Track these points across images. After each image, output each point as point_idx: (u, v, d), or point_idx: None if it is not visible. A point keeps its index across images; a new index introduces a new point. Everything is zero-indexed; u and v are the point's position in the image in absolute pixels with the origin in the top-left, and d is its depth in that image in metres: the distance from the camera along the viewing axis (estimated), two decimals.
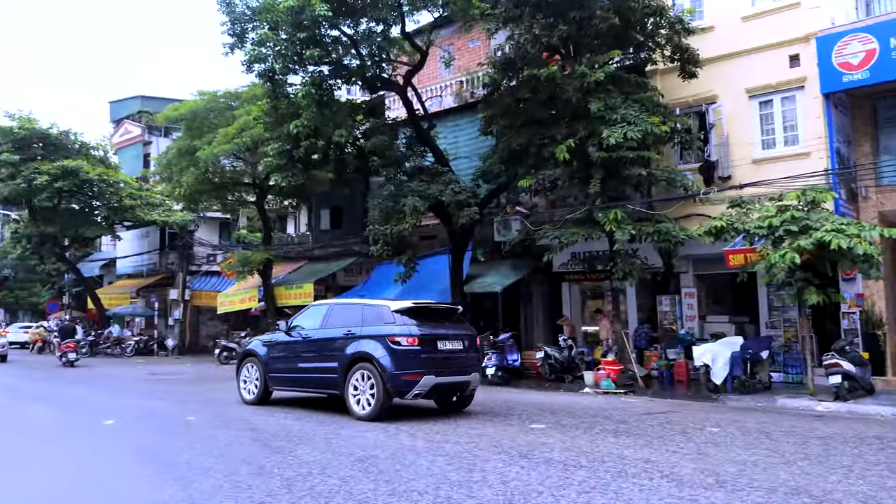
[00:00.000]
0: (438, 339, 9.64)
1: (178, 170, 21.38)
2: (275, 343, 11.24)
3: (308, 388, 10.87)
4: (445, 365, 9.62)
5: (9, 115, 26.78)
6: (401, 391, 9.24)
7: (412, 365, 9.23)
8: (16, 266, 45.84)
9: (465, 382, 9.98)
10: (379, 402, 9.18)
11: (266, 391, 11.17)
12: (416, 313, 9.72)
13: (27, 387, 15.33)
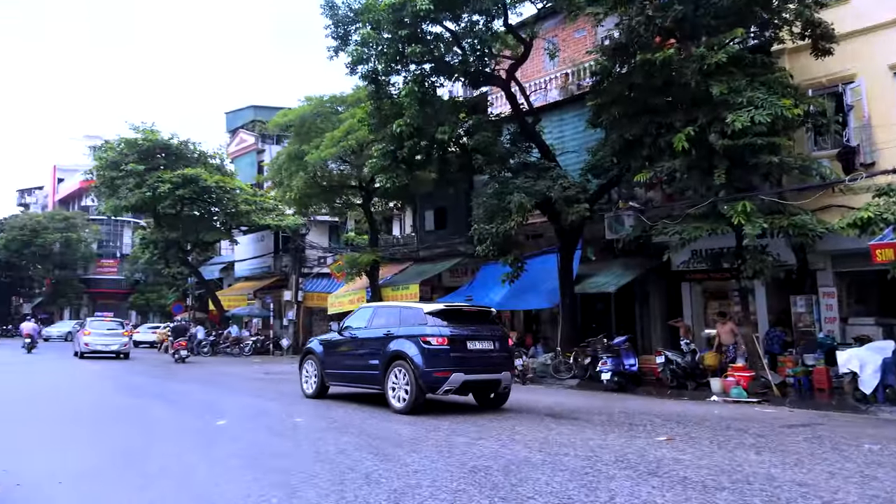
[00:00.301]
0: (468, 340, 10.29)
1: (288, 174, 22.00)
2: (329, 342, 12.27)
3: (356, 383, 11.60)
4: (475, 363, 10.24)
5: (134, 127, 28.63)
6: (432, 387, 9.92)
7: (442, 363, 9.90)
8: (146, 270, 49.35)
9: (496, 380, 10.55)
10: (413, 397, 9.85)
11: (323, 386, 12.10)
12: (447, 315, 10.44)
13: (148, 384, 16.03)
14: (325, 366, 11.98)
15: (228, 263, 37.07)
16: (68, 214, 58.88)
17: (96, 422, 9.89)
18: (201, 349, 29.71)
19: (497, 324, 11.35)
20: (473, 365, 10.20)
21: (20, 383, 16.29)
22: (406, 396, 9.96)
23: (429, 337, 10.03)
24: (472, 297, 21.28)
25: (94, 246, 60.06)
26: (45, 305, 62.56)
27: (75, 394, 14.08)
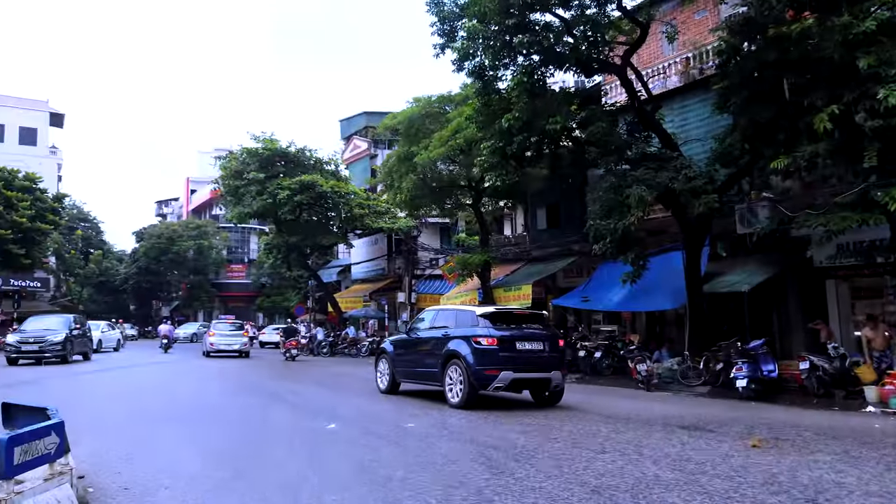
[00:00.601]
0: (517, 340, 10.96)
1: (398, 176, 22.08)
2: (398, 342, 13.45)
3: (420, 380, 12.56)
4: (524, 362, 10.91)
5: (254, 137, 29.92)
6: (483, 384, 10.67)
7: (492, 361, 10.64)
8: (271, 274, 51.73)
9: (546, 379, 11.15)
10: (465, 393, 10.73)
11: (394, 383, 13.06)
12: (498, 317, 11.33)
13: (266, 384, 16.42)
14: (395, 364, 13.02)
15: (345, 266, 38.02)
16: (200, 223, 62.96)
17: (211, 421, 10.07)
18: (321, 350, 30.56)
19: (548, 326, 12.13)
20: (522, 364, 10.90)
21: (147, 382, 17.34)
22: (460, 392, 10.86)
23: (480, 337, 10.83)
24: (588, 297, 20.37)
25: (223, 252, 63.89)
26: (181, 308, 67.27)
27: (194, 392, 14.65)
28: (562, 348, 11.83)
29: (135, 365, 22.89)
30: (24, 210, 37.41)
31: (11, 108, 56.20)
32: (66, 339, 21.36)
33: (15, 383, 14.79)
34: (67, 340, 21.40)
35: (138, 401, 12.55)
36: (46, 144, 58.27)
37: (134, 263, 64.11)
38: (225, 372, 20.81)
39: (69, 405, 9.87)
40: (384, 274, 33.24)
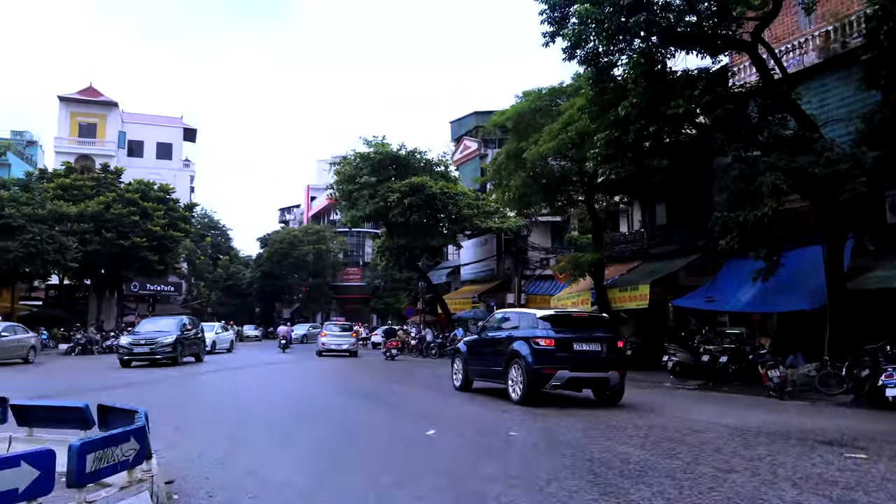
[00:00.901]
0: (574, 342, 11.55)
1: (507, 174, 21.51)
2: (471, 342, 14.39)
3: (487, 378, 13.37)
4: (581, 362, 11.49)
5: (366, 141, 30.38)
6: (541, 382, 11.37)
7: (549, 361, 11.32)
8: (384, 276, 52.65)
9: (603, 378, 11.65)
10: (525, 390, 11.48)
11: (467, 381, 13.95)
12: (558, 320, 12.00)
13: (372, 385, 16.35)
14: (468, 363, 13.93)
15: (455, 267, 37.94)
16: (318, 228, 65.35)
17: (310, 422, 9.98)
18: (429, 351, 30.52)
19: (607, 328, 12.59)
20: (579, 364, 11.49)
21: (253, 383, 17.86)
22: (520, 390, 11.61)
23: (538, 338, 11.53)
24: (713, 297, 18.91)
25: (340, 256, 65.99)
26: (301, 310, 70.15)
27: (296, 393, 14.77)
28: (620, 349, 12.31)
29: (247, 366, 23.53)
30: (157, 219, 40.19)
31: (149, 126, 60.77)
32: (177, 341, 21.49)
33: (123, 384, 15.31)
34: (178, 342, 21.55)
35: (242, 402, 12.71)
36: (180, 158, 62.60)
37: (258, 268, 67.54)
38: (330, 372, 21.14)
39: (173, 406, 10.07)
40: (493, 275, 32.77)
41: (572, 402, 12.37)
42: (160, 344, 21.04)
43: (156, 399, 11.37)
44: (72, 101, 53.91)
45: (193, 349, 23.46)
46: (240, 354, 31.67)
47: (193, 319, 25.52)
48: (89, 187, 39.60)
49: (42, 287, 44.42)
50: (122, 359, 20.92)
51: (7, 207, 32.05)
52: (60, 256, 33.73)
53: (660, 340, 21.12)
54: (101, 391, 12.55)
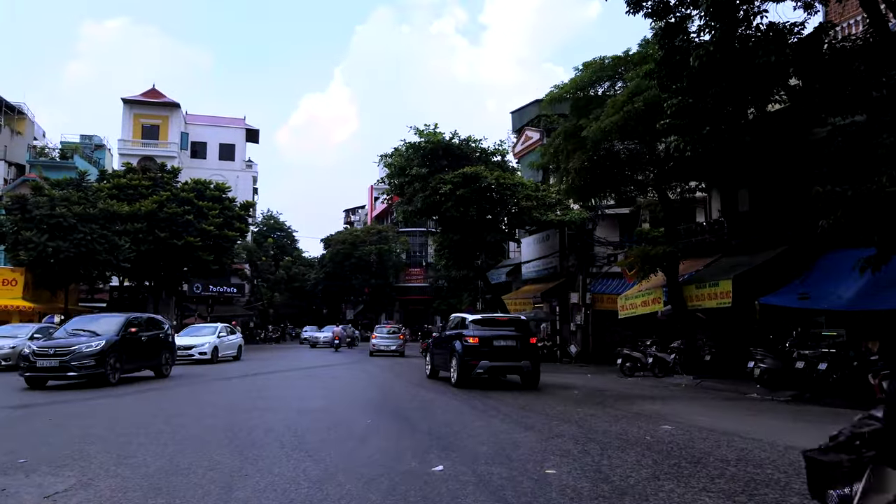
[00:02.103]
0: (494, 339, 15.11)
1: (565, 156, 19.04)
2: (434, 340, 18.88)
3: (442, 369, 16.86)
4: (499, 355, 15.01)
5: (417, 131, 28.41)
6: (469, 370, 14.94)
7: (474, 354, 14.95)
8: (446, 276, 50.78)
9: (517, 367, 15.20)
10: (458, 376, 15.20)
11: (434, 370, 17.70)
12: (485, 322, 15.82)
13: (404, 393, 14.38)
14: (433, 357, 17.94)
15: (515, 265, 35.56)
16: (380, 228, 64.21)
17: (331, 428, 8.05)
18: None
19: (524, 328, 15.71)
20: (498, 356, 14.93)
21: (301, 381, 16.16)
22: (455, 376, 15.30)
23: (467, 336, 15.09)
24: (808, 294, 16.10)
25: (402, 256, 64.65)
26: (365, 312, 69.16)
27: (338, 395, 12.97)
28: (532, 344, 15.73)
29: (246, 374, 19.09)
30: (212, 219, 39.63)
31: (212, 127, 61.21)
32: (109, 350, 14.71)
33: None
34: (112, 351, 14.78)
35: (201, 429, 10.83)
36: (243, 158, 62.78)
37: (322, 269, 67.04)
38: (373, 375, 19.32)
39: None
40: (556, 273, 30.24)
41: (499, 384, 16.02)
42: (77, 354, 14.31)
43: None
44: (135, 103, 54.67)
45: (148, 359, 16.77)
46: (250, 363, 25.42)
47: (154, 318, 19.11)
48: (145, 187, 39.43)
49: (106, 289, 44.79)
50: (27, 376, 14.40)
51: (58, 207, 31.93)
52: (112, 256, 33.43)
53: (743, 344, 18.29)
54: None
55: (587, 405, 12.09)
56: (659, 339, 21.40)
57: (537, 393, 14.29)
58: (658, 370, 20.18)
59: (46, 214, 31.52)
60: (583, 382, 17.71)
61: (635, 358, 20.70)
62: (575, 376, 20.23)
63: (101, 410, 11.05)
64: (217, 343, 25.96)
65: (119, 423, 9.20)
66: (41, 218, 31.47)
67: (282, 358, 29.95)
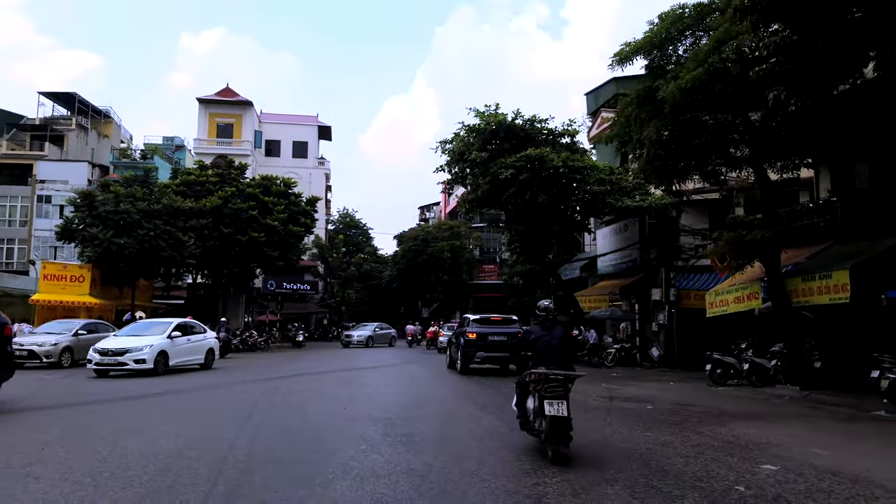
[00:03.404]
0: (489, 335, 19.19)
1: (638, 125, 16.14)
2: (450, 337, 24.08)
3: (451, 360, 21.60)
4: (493, 347, 18.99)
5: (476, 112, 25.97)
6: (468, 359, 19.31)
7: (473, 347, 19.18)
8: (520, 273, 48.12)
9: (506, 357, 19.15)
10: (461, 364, 19.60)
11: (451, 361, 21.45)
12: (483, 321, 19.98)
13: (451, 391, 12.16)
14: (449, 350, 22.10)
15: (590, 259, 32.56)
16: (453, 224, 62.21)
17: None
18: None
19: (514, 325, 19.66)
20: (491, 348, 19.05)
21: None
22: (460, 364, 19.75)
23: (467, 332, 19.50)
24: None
25: (475, 252, 62.44)
26: (440, 310, 67.39)
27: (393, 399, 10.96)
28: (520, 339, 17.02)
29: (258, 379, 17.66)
30: (277, 214, 38.73)
31: (285, 125, 61.08)
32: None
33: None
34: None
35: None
36: (315, 155, 62.34)
37: (395, 266, 65.83)
38: (416, 380, 17.24)
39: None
40: (635, 266, 27.14)
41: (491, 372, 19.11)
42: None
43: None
44: (210, 102, 55.02)
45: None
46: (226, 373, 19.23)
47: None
48: (212, 183, 39.02)
49: (184, 286, 44.91)
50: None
51: (122, 203, 31.65)
52: (177, 253, 32.94)
53: (864, 349, 14.97)
54: None
55: (661, 427, 9.46)
56: (756, 342, 18.15)
57: (597, 409, 11.68)
58: (755, 378, 17.03)
59: (111, 211, 31.33)
60: (661, 393, 14.90)
61: (728, 364, 17.62)
62: (654, 384, 17.39)
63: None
64: (165, 346, 18.28)
65: None
66: (106, 214, 31.30)
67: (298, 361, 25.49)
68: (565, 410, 6.89)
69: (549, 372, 7.12)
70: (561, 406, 6.88)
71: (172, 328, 19.17)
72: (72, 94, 53.48)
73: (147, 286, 39.18)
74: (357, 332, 41.90)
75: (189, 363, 19.62)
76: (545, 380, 7.06)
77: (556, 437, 6.83)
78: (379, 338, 42.30)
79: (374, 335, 42.09)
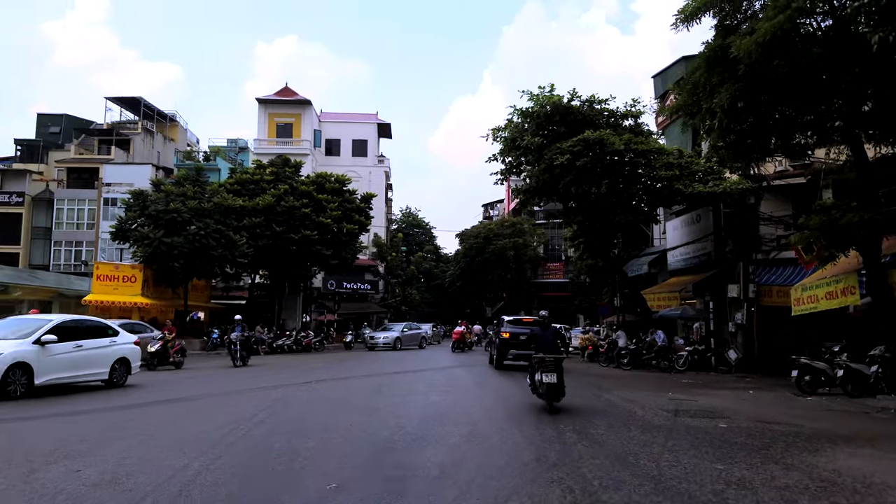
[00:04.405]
0: (520, 335, 20.26)
1: (707, 92, 13.84)
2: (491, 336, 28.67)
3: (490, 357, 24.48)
4: (523, 346, 19.10)
5: (529, 95, 23.91)
6: (503, 357, 21.26)
7: (506, 345, 21.18)
8: (587, 270, 45.65)
9: None
10: (496, 361, 21.80)
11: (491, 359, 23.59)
12: (516, 322, 21.98)
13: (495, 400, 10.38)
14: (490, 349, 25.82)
15: (659, 254, 29.99)
16: (515, 220, 60.13)
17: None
18: (620, 359, 23.50)
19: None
20: (522, 347, 19.30)
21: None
22: (495, 361, 21.88)
23: (502, 332, 21.66)
24: None
25: (539, 250, 60.15)
26: (505, 309, 65.34)
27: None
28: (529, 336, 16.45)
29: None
30: (330, 211, 37.78)
31: (344, 123, 60.57)
32: None
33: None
34: None
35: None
36: (375, 154, 61.55)
37: (457, 265, 64.33)
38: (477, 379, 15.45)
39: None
40: (709, 260, 24.51)
41: None
42: None
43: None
44: (269, 102, 54.98)
45: None
46: (137, 393, 14.20)
47: None
48: (266, 182, 38.47)
49: (245, 286, 44.68)
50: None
51: (173, 202, 31.32)
52: (228, 252, 32.38)
53: None
54: None
55: (736, 455, 7.40)
56: (852, 345, 15.53)
57: (657, 429, 9.61)
58: (851, 387, 14.46)
59: (161, 210, 31.05)
60: (739, 405, 12.64)
61: (818, 370, 15.09)
62: (730, 394, 15.07)
63: None
64: (27, 356, 12.36)
65: None
66: (157, 214, 31.05)
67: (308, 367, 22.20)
68: (555, 379, 10.76)
69: (545, 356, 11.04)
70: (551, 376, 10.75)
71: (47, 329, 13.08)
72: (137, 98, 54.50)
73: (204, 286, 39.00)
74: (383, 335, 38.03)
75: (80, 379, 13.98)
76: (542, 361, 10.98)
77: (550, 395, 10.84)
78: (407, 339, 38.25)
79: (403, 336, 38.05)
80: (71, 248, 48.02)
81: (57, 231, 48.07)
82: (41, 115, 57.60)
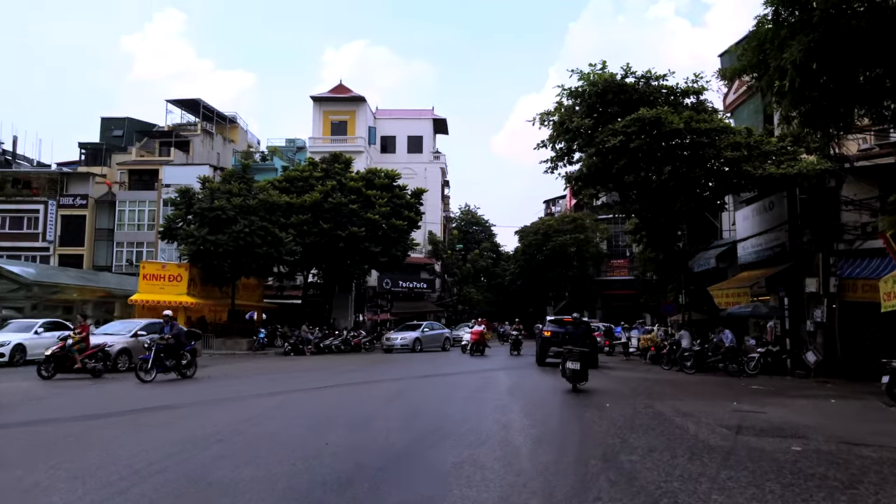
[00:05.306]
0: (561, 333, 20.30)
1: (775, 48, 11.67)
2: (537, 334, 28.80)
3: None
4: (563, 344, 16.67)
5: (577, 72, 21.95)
6: (544, 354, 21.65)
7: (547, 343, 21.69)
8: (653, 267, 43.02)
9: None
10: (538, 357, 22.90)
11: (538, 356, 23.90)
12: (556, 322, 23.30)
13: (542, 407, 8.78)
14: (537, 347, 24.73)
15: (728, 246, 27.43)
16: (576, 216, 57.80)
17: None
18: (683, 362, 21.32)
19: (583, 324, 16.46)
20: (561, 344, 17.36)
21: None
22: (537, 358, 22.97)
23: (544, 331, 23.24)
24: None
25: (602, 246, 57.63)
26: (566, 309, 63.00)
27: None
28: (592, 337, 17.01)
29: None
30: (379, 207, 36.70)
31: (399, 120, 59.68)
32: None
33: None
34: None
35: None
36: (430, 150, 60.39)
37: (516, 263, 62.50)
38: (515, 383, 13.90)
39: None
40: (783, 252, 21.95)
41: None
42: None
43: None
44: (323, 100, 54.60)
45: None
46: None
47: None
48: (315, 178, 37.75)
49: (300, 284, 44.27)
50: None
51: (217, 199, 30.89)
52: (274, 249, 31.74)
53: None
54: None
55: (812, 499, 5.57)
56: None
57: (710, 453, 7.73)
58: None
59: (207, 208, 30.67)
60: (818, 419, 10.54)
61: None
62: (808, 403, 12.91)
63: None
64: None
65: None
66: (201, 211, 30.69)
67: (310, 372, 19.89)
68: (578, 366, 14.06)
69: (573, 348, 14.36)
70: (576, 364, 14.07)
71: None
72: (196, 100, 55.14)
73: (256, 286, 38.67)
74: (400, 335, 34.43)
75: None
76: (570, 352, 14.30)
77: (574, 378, 14.27)
78: (428, 340, 34.81)
79: (423, 337, 34.55)
80: (132, 249, 48.84)
81: (119, 232, 48.99)
82: (105, 119, 59.12)
